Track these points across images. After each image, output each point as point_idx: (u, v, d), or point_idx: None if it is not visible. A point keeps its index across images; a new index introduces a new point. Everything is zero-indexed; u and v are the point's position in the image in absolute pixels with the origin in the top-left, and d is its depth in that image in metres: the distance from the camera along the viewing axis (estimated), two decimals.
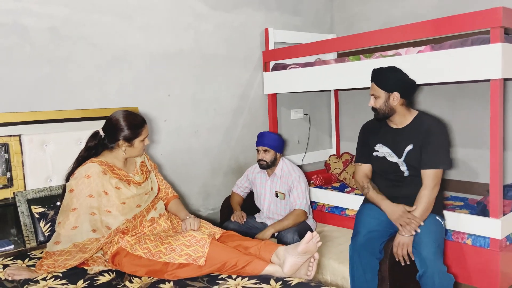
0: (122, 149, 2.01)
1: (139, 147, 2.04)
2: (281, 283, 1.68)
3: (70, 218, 1.86)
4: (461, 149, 3.12)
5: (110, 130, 2.01)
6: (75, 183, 1.90)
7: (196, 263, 1.78)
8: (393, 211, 2.16)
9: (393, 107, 2.19)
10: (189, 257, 1.80)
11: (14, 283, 1.81)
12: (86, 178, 1.90)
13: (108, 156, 2.03)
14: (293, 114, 3.68)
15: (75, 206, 1.88)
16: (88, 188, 1.90)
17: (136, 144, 2.02)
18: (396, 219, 2.15)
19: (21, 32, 2.34)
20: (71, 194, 1.89)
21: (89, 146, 2.04)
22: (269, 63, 3.35)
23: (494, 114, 2.14)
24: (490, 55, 2.11)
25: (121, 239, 1.95)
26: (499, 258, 2.19)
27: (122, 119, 1.99)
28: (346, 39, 2.88)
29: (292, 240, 2.47)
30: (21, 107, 2.35)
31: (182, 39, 2.99)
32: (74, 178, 1.92)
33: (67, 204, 1.90)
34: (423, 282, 2.02)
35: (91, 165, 1.94)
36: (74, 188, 1.89)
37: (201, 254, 1.80)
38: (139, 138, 2.02)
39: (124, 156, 2.03)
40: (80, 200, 1.88)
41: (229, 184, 3.23)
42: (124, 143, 2.00)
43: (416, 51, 2.43)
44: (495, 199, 2.18)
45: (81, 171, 1.93)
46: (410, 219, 2.10)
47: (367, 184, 2.31)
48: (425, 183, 2.15)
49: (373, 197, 2.27)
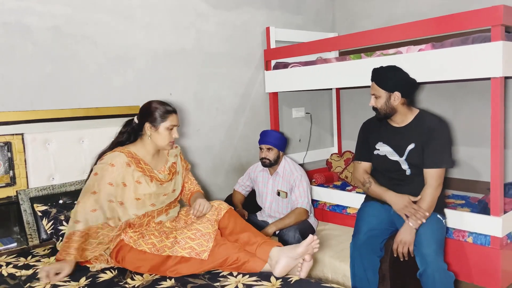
0: (148, 134, 2.03)
1: (164, 134, 2.04)
2: (281, 281, 1.69)
3: (90, 200, 1.89)
4: (462, 147, 3.12)
5: (140, 114, 2.06)
6: (100, 167, 1.96)
7: (199, 257, 1.79)
8: (397, 201, 2.16)
9: (394, 107, 2.19)
10: (192, 250, 1.81)
11: (16, 280, 1.83)
12: (110, 166, 1.95)
13: (139, 145, 2.07)
14: (295, 113, 3.69)
15: (96, 190, 1.92)
16: (110, 176, 1.94)
17: (161, 130, 2.03)
18: (401, 209, 2.14)
19: (24, 31, 2.36)
20: (95, 177, 1.95)
21: (121, 132, 2.09)
22: (270, 61, 3.36)
23: (495, 112, 2.14)
24: (491, 53, 2.10)
25: (124, 234, 1.96)
26: (500, 256, 2.20)
27: (153, 103, 2.06)
28: (347, 38, 2.89)
29: (294, 238, 2.48)
30: (23, 106, 2.37)
31: (184, 38, 3.00)
32: (101, 163, 1.98)
33: (89, 185, 1.94)
34: (424, 280, 2.03)
35: (118, 154, 1.98)
36: (98, 172, 1.95)
37: (205, 248, 1.81)
38: (165, 124, 2.03)
39: (150, 142, 2.05)
40: (101, 186, 1.92)
41: (230, 182, 3.24)
42: (150, 127, 2.02)
43: (417, 50, 2.43)
44: (496, 197, 2.18)
45: (108, 158, 1.98)
46: (416, 210, 2.10)
47: (368, 179, 2.31)
48: (428, 182, 2.15)
49: (376, 190, 2.26)
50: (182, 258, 1.81)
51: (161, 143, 2.06)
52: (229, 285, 1.67)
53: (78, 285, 1.77)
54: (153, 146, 2.07)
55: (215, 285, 1.68)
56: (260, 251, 1.85)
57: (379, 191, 2.25)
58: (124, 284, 1.77)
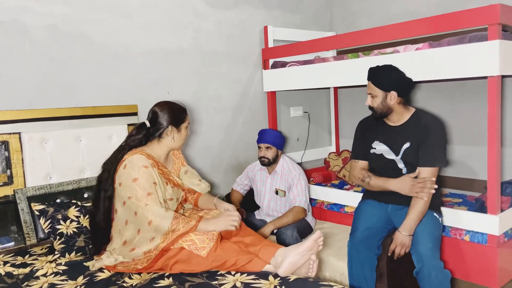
0: (171, 137, 2.03)
1: (184, 134, 2.09)
2: (280, 279, 1.69)
3: (151, 201, 1.83)
4: (459, 146, 3.13)
5: (157, 118, 2.03)
6: (136, 172, 1.88)
7: (197, 253, 1.78)
8: (403, 185, 2.16)
9: (391, 106, 2.19)
10: (192, 243, 1.79)
11: (14, 279, 1.83)
12: (144, 168, 1.90)
13: (155, 147, 2.04)
14: (293, 112, 3.69)
15: (150, 190, 1.86)
16: (152, 177, 1.90)
17: (183, 131, 2.07)
18: (410, 190, 2.13)
19: (21, 30, 2.35)
20: (137, 183, 1.86)
21: (135, 137, 2.01)
22: (268, 60, 3.36)
23: (492, 111, 2.15)
24: (488, 52, 2.11)
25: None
26: (497, 254, 2.20)
27: (168, 107, 2.05)
28: (344, 37, 2.89)
29: (292, 237, 2.48)
30: (21, 105, 2.37)
31: (182, 37, 3.00)
32: (131, 168, 1.89)
33: (137, 192, 1.84)
34: (420, 278, 2.04)
35: (140, 156, 1.93)
36: (138, 177, 1.87)
37: (205, 245, 1.79)
38: (184, 124, 2.08)
39: (172, 144, 2.05)
40: (149, 184, 1.87)
41: (229, 181, 3.24)
42: (173, 129, 2.03)
43: (414, 49, 2.44)
44: (493, 195, 2.19)
45: (135, 162, 1.90)
46: (423, 182, 2.10)
47: (367, 174, 2.31)
48: None
49: (377, 182, 2.26)
50: (182, 253, 1.81)
51: (180, 143, 2.09)
52: (227, 283, 1.68)
53: (76, 284, 1.77)
54: (168, 147, 2.06)
55: (213, 284, 1.68)
56: (263, 251, 1.83)
57: (380, 183, 2.25)
58: (122, 283, 1.77)
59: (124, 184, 1.89)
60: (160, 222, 1.80)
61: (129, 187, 1.87)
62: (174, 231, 1.80)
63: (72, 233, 2.17)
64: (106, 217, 1.98)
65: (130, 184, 1.87)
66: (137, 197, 1.85)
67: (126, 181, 1.89)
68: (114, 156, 2.01)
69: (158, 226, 1.80)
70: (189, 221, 1.84)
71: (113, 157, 2.01)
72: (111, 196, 1.96)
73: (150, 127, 2.04)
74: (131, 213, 1.87)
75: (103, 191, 1.97)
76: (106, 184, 1.96)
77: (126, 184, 1.89)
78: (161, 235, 1.80)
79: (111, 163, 1.99)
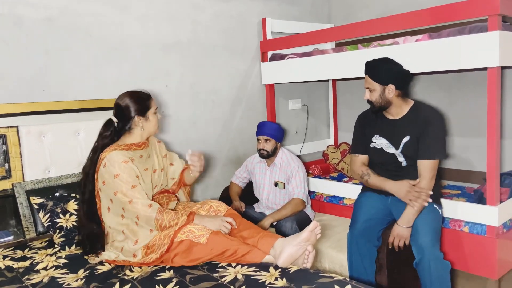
0: (139, 126, 2.04)
1: (154, 121, 2.09)
2: (280, 271, 1.69)
3: (136, 193, 1.90)
4: (458, 138, 3.13)
5: (122, 112, 2.04)
6: (117, 168, 1.92)
7: (197, 241, 1.78)
8: (399, 189, 2.16)
9: (389, 99, 2.19)
10: (191, 233, 1.81)
11: (14, 273, 1.82)
12: (124, 163, 1.93)
13: (127, 140, 2.06)
14: (291, 105, 3.68)
15: (133, 183, 1.91)
16: (133, 170, 1.93)
17: (151, 117, 2.07)
18: (405, 195, 2.14)
19: (17, 23, 2.33)
20: (119, 178, 1.90)
21: (105, 135, 2.05)
22: (266, 53, 3.35)
23: (491, 102, 2.14)
24: (487, 43, 2.10)
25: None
26: (496, 245, 2.22)
27: (129, 97, 2.05)
28: (343, 29, 2.88)
29: (291, 229, 2.49)
30: (18, 98, 2.35)
31: (179, 29, 2.97)
32: (111, 165, 1.92)
33: (122, 187, 1.90)
34: (420, 269, 2.04)
35: (118, 152, 1.96)
36: (120, 172, 1.91)
37: (204, 233, 1.81)
38: (151, 110, 2.08)
39: (143, 133, 2.07)
40: (132, 178, 1.91)
41: (227, 174, 3.24)
42: (139, 118, 2.03)
43: (414, 40, 2.43)
44: (492, 186, 2.20)
45: (113, 158, 1.93)
46: (419, 192, 2.10)
47: (366, 171, 2.31)
48: (422, 174, 2.15)
49: (375, 182, 2.26)
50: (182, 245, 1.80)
51: (153, 129, 2.11)
52: (228, 275, 1.68)
53: (77, 277, 1.77)
54: (141, 137, 2.08)
55: (214, 276, 1.69)
56: (262, 242, 1.85)
57: (378, 182, 2.25)
58: (123, 276, 1.77)
59: (108, 182, 1.94)
60: (145, 223, 1.89)
61: (112, 184, 1.92)
62: (161, 226, 1.87)
63: (71, 227, 2.17)
64: (89, 219, 2.01)
65: (113, 180, 1.91)
66: (122, 191, 1.90)
67: (109, 178, 1.93)
68: (90, 159, 2.05)
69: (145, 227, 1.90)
70: (180, 217, 1.89)
71: (89, 160, 2.05)
72: (89, 198, 2.01)
73: (118, 121, 2.05)
74: (121, 207, 1.93)
75: (81, 194, 2.04)
76: (84, 187, 2.02)
77: (110, 181, 1.93)
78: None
79: (88, 167, 2.04)
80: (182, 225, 1.86)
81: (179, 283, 1.65)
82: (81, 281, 1.73)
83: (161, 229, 1.87)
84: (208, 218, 1.93)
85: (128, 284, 1.68)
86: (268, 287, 1.55)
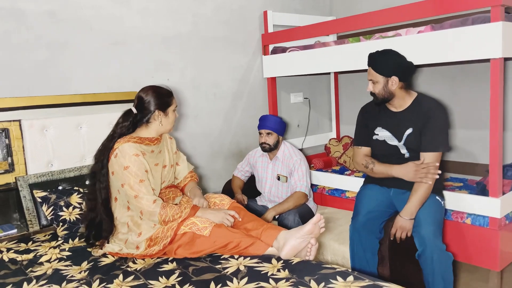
0: (158, 121, 2.04)
1: (172, 118, 2.09)
2: (283, 262, 1.70)
3: (143, 188, 1.89)
4: (461, 130, 3.12)
5: (143, 104, 2.03)
6: (127, 160, 1.91)
7: (200, 233, 1.79)
8: (406, 171, 2.16)
9: (392, 91, 2.18)
10: (194, 225, 1.82)
11: (18, 265, 1.83)
12: (135, 156, 1.92)
13: (143, 132, 2.05)
14: (293, 98, 3.68)
15: (141, 178, 1.90)
16: (143, 165, 1.93)
17: (170, 114, 2.08)
18: (414, 176, 2.13)
19: (19, 16, 2.33)
20: (128, 170, 1.90)
21: (123, 125, 2.03)
22: (268, 46, 3.33)
23: (494, 93, 2.13)
24: (490, 34, 2.09)
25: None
26: (498, 236, 2.21)
27: (152, 91, 2.04)
28: (345, 21, 2.86)
29: (294, 222, 2.49)
30: (20, 92, 2.35)
31: (180, 23, 2.96)
32: (122, 157, 1.91)
33: (130, 179, 1.89)
34: (422, 260, 2.05)
35: (131, 144, 1.95)
36: (130, 164, 1.90)
37: (207, 225, 1.82)
38: (171, 107, 2.08)
39: (160, 128, 2.06)
40: (141, 172, 1.91)
41: (229, 168, 3.24)
42: (160, 113, 2.03)
43: (416, 32, 2.42)
44: (495, 178, 2.19)
45: (126, 150, 1.92)
46: (426, 168, 2.10)
47: (370, 160, 2.30)
48: None
49: (381, 169, 2.25)
50: (184, 237, 1.81)
51: (169, 126, 2.10)
52: (230, 267, 1.69)
53: (80, 269, 1.78)
54: (157, 132, 2.07)
55: (217, 267, 1.69)
56: (265, 234, 1.85)
57: (384, 169, 2.24)
58: (126, 268, 1.78)
59: (117, 173, 1.93)
60: (149, 218, 1.89)
61: (121, 175, 1.91)
62: (164, 221, 1.87)
63: (75, 220, 2.18)
64: (105, 207, 1.98)
65: (122, 172, 1.91)
66: (129, 184, 1.89)
67: (118, 169, 1.92)
68: (105, 146, 2.02)
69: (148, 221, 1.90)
70: (183, 210, 1.89)
71: (103, 147, 2.02)
72: (107, 186, 1.98)
73: (137, 113, 2.04)
74: (127, 199, 1.94)
75: (99, 182, 1.98)
76: (100, 175, 1.98)
77: (119, 173, 1.92)
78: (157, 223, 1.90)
79: (103, 153, 2.00)
80: (185, 217, 1.86)
81: (182, 275, 1.66)
82: (85, 273, 1.74)
83: (165, 223, 1.88)
84: (211, 211, 1.94)
85: (131, 275, 1.69)
86: (271, 278, 1.56)
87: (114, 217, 2.00)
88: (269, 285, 1.51)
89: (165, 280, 1.63)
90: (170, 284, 1.59)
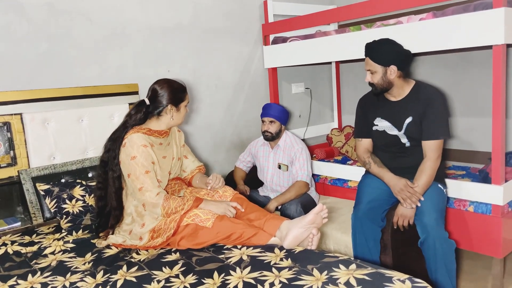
0: (169, 115, 2.04)
1: (183, 113, 2.09)
2: (285, 251, 1.71)
3: (147, 180, 1.89)
4: (463, 118, 3.11)
5: (157, 97, 2.02)
6: (135, 150, 1.91)
7: (203, 225, 1.80)
8: (395, 184, 2.17)
9: (391, 81, 2.16)
10: (196, 217, 1.83)
11: (22, 258, 1.85)
12: (143, 147, 1.92)
13: (153, 124, 2.05)
14: (294, 88, 3.66)
15: (148, 169, 1.91)
16: (150, 156, 1.93)
17: (182, 109, 2.08)
18: (398, 192, 2.16)
19: (18, 9, 2.31)
20: (136, 160, 1.90)
21: (136, 116, 2.02)
22: (269, 36, 3.31)
23: (496, 80, 2.12)
24: (492, 20, 2.07)
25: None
26: (501, 224, 2.22)
27: (167, 85, 2.04)
28: (346, 9, 2.83)
29: (296, 212, 2.50)
30: (21, 85, 2.35)
31: (181, 13, 2.95)
32: (130, 146, 1.92)
33: (136, 170, 1.89)
34: (425, 248, 2.05)
35: (140, 135, 1.95)
36: (137, 155, 1.91)
37: (209, 217, 1.83)
38: (184, 103, 2.08)
39: (171, 122, 2.06)
40: (148, 163, 1.91)
41: (231, 159, 3.24)
42: (172, 108, 2.03)
43: (418, 19, 2.39)
44: (497, 165, 2.19)
45: (134, 140, 1.93)
46: (411, 193, 2.12)
47: (368, 159, 2.31)
48: (428, 155, 2.14)
49: (376, 172, 2.28)
50: (187, 228, 1.82)
51: (180, 121, 2.10)
52: (233, 256, 1.69)
53: (84, 261, 1.79)
54: (167, 125, 2.07)
55: (220, 257, 1.70)
56: (268, 224, 1.86)
57: (378, 172, 2.26)
58: (130, 259, 1.79)
59: (124, 162, 1.93)
60: (151, 210, 1.89)
61: (128, 165, 1.91)
62: (167, 213, 1.87)
63: (78, 212, 2.19)
64: (118, 196, 1.99)
65: (129, 162, 1.91)
66: (135, 175, 1.90)
67: (126, 159, 1.92)
68: (117, 136, 2.01)
69: (151, 213, 1.91)
70: (186, 202, 1.89)
71: (115, 136, 2.01)
72: (119, 175, 1.98)
73: (149, 104, 2.03)
74: (132, 189, 1.94)
75: (111, 171, 1.98)
76: (113, 164, 1.97)
77: (125, 162, 1.92)
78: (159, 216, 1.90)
79: (114, 143, 1.99)
80: (188, 209, 1.87)
81: (185, 265, 1.67)
82: (89, 264, 1.75)
83: (168, 215, 1.88)
84: (213, 203, 1.94)
85: (135, 266, 1.70)
86: (273, 267, 1.57)
87: (123, 207, 2.01)
88: (272, 274, 1.52)
89: (168, 271, 1.64)
90: (174, 274, 1.60)
